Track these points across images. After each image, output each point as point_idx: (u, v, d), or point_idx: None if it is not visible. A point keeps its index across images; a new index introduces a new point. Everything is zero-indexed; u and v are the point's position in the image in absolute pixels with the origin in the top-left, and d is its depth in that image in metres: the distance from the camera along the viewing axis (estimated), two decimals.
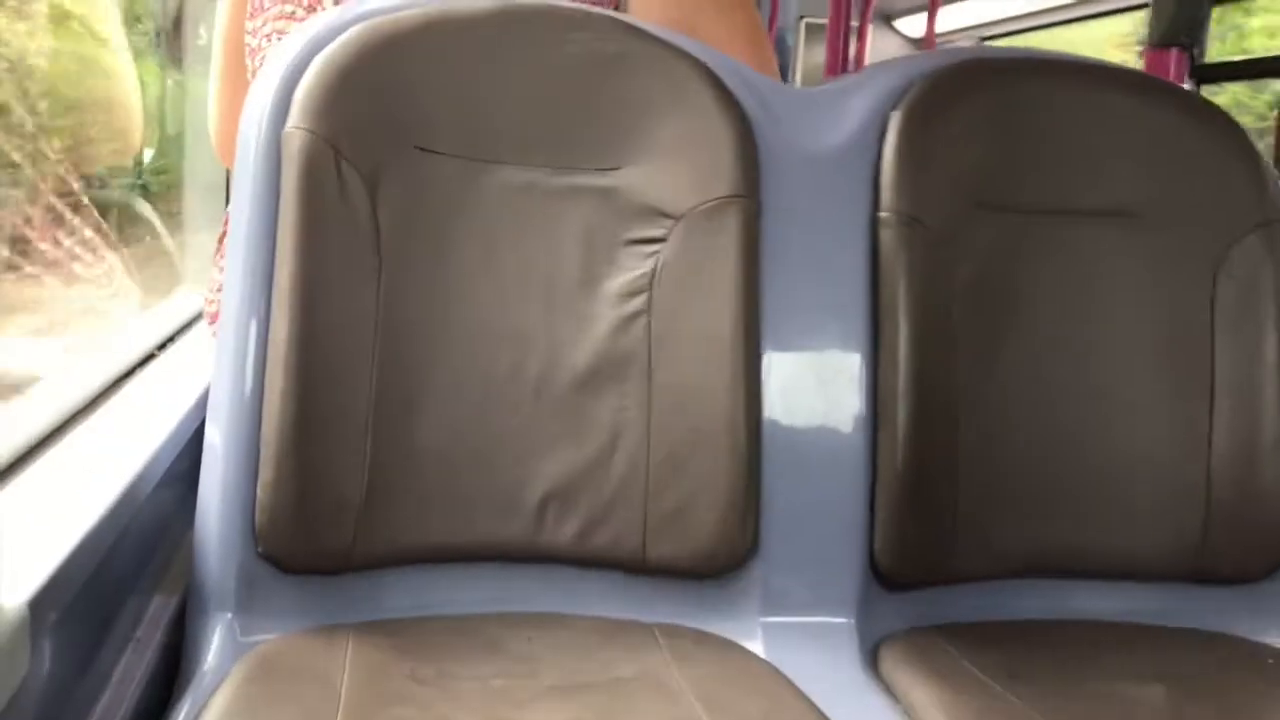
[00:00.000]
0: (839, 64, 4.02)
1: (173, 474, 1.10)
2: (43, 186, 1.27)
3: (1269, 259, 1.20)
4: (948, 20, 4.88)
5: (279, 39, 1.32)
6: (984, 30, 5.11)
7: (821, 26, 4.56)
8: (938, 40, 4.46)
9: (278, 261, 1.04)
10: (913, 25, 5.36)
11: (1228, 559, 1.19)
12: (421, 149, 1.09)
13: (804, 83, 5.20)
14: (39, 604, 0.72)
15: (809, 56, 5.31)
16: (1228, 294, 1.20)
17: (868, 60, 4.31)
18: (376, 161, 1.06)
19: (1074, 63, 1.29)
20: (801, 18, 5.35)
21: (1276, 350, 1.19)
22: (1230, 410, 1.19)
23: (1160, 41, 1.58)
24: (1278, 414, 1.19)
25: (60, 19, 1.34)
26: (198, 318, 1.72)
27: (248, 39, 1.41)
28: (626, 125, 1.13)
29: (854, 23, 4.26)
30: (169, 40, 2.03)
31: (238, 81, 1.44)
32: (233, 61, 1.48)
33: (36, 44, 1.23)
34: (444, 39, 1.11)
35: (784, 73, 5.19)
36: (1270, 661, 1.15)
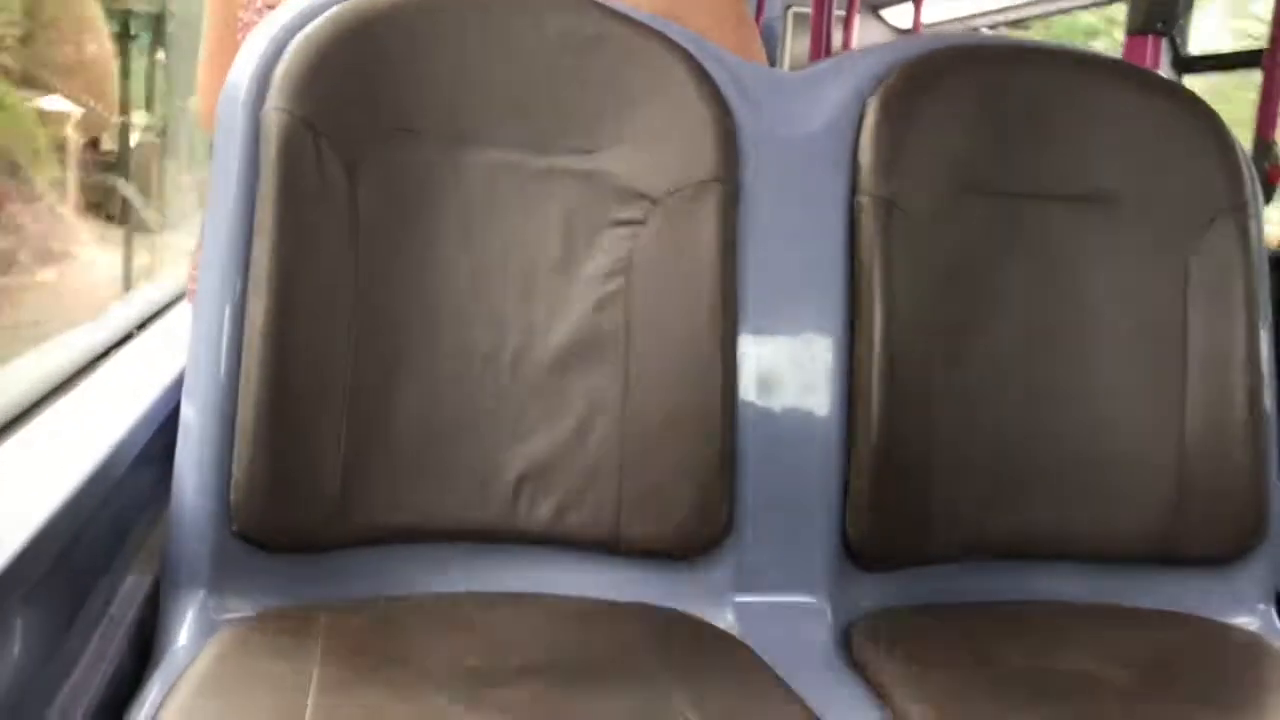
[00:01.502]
0: (823, 53, 4.02)
1: (149, 452, 1.10)
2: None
3: (1240, 242, 1.21)
4: (934, 11, 4.89)
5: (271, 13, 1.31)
6: (971, 22, 5.12)
7: (809, 16, 4.56)
8: (925, 29, 4.47)
9: (255, 241, 1.03)
10: (900, 16, 5.36)
11: (1198, 541, 1.20)
12: (401, 130, 1.09)
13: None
14: (7, 581, 0.72)
15: (796, 46, 5.31)
16: (1200, 277, 1.21)
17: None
18: (355, 142, 1.06)
19: (1053, 49, 1.30)
20: (789, 7, 5.35)
21: (1247, 333, 1.20)
22: (1202, 393, 1.20)
23: (1138, 28, 1.59)
24: (1248, 397, 1.20)
25: None
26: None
27: (240, 14, 1.41)
28: (606, 108, 1.13)
29: (841, 13, 4.26)
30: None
31: (226, 57, 1.44)
32: (222, 36, 1.48)
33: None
34: (424, 20, 1.10)
35: (771, 63, 5.18)
36: (1240, 642, 1.16)
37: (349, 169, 1.06)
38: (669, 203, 1.11)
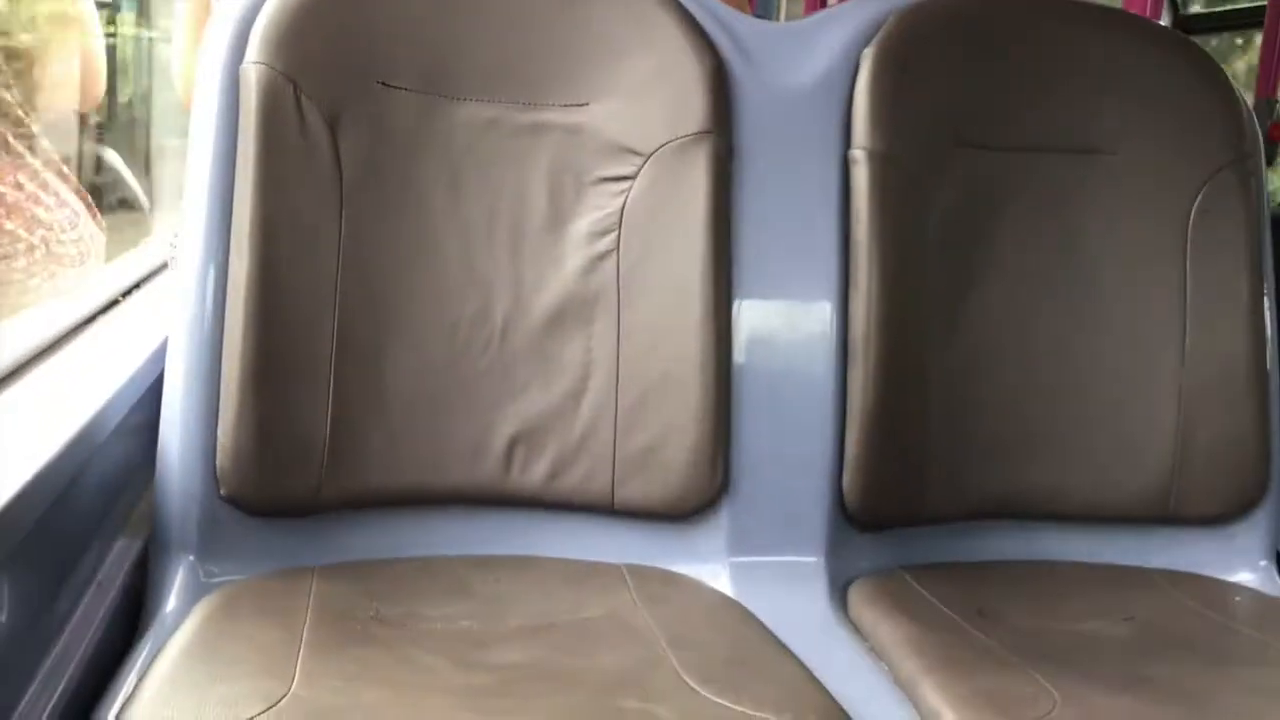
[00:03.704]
0: (818, 5, 3.97)
1: (135, 419, 1.08)
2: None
3: (1242, 195, 1.19)
4: None
5: None
6: None
7: None
8: None
9: (237, 200, 1.02)
10: None
11: (1199, 499, 1.19)
12: (383, 84, 1.07)
13: None
14: None
15: (792, 9, 5.25)
16: (1201, 231, 1.19)
17: None
18: (337, 97, 1.04)
19: (1049, 0, 1.28)
20: None
21: (1249, 288, 1.19)
22: (1201, 349, 1.18)
23: None
24: (1249, 354, 1.18)
25: None
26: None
27: None
28: (594, 61, 1.11)
29: None
30: None
31: (202, 26, 1.42)
32: (197, 9, 1.45)
33: None
34: None
35: (767, 16, 5.13)
36: (1238, 599, 1.15)
37: (331, 124, 1.03)
38: (660, 157, 1.09)
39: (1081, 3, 1.31)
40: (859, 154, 1.13)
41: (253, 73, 1.02)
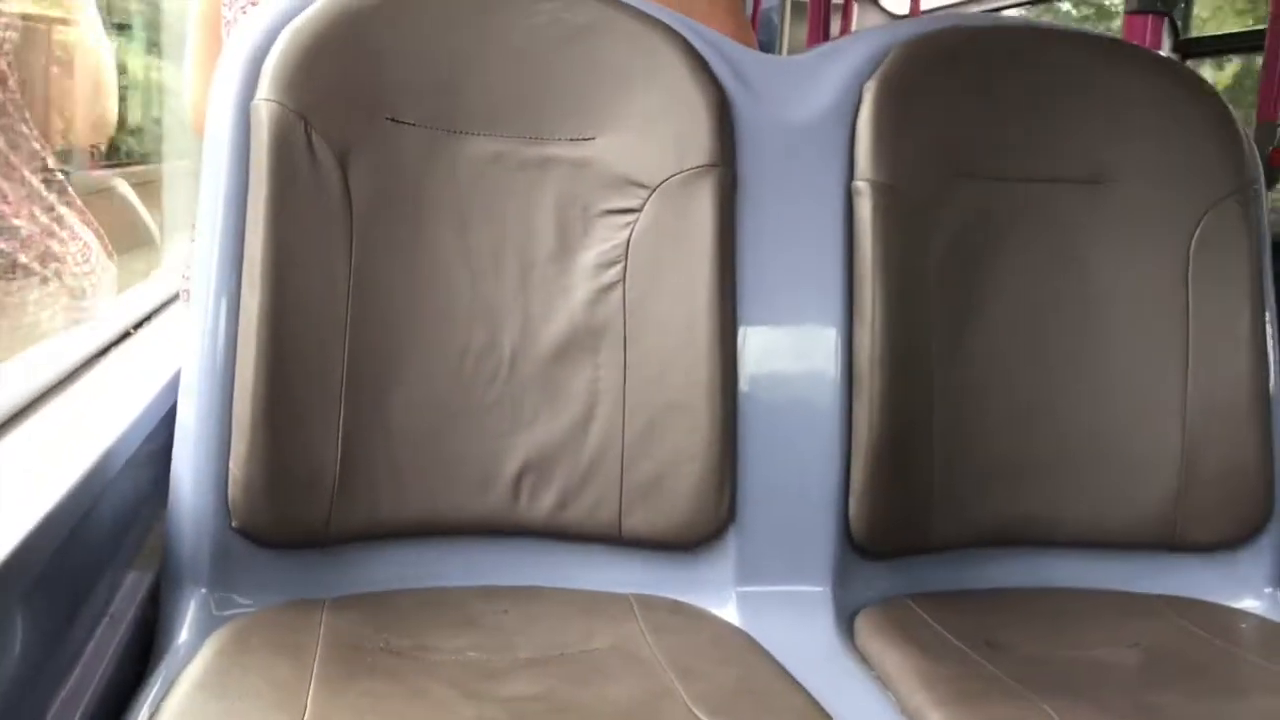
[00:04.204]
0: (821, 40, 4.01)
1: (147, 450, 1.09)
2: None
3: (1243, 224, 1.20)
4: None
5: (254, 10, 1.30)
6: (967, 8, 5.09)
7: (807, 4, 4.54)
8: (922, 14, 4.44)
9: (248, 235, 1.03)
10: (897, 2, 5.34)
11: (1203, 526, 1.19)
12: (393, 120, 1.08)
13: None
14: (6, 578, 0.72)
15: (795, 35, 5.29)
16: (1203, 260, 1.20)
17: None
18: (347, 133, 1.06)
19: (1051, 30, 1.29)
20: None
21: (1251, 316, 1.19)
22: (1204, 377, 1.19)
23: (1138, 6, 1.59)
24: (1252, 381, 1.19)
25: None
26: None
27: (224, 11, 1.40)
28: (600, 95, 1.12)
29: (838, 1, 4.24)
30: None
31: (213, 55, 1.43)
32: (208, 35, 1.47)
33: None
34: (414, 10, 1.10)
35: (770, 51, 5.16)
36: (1244, 626, 1.15)
37: (341, 160, 1.05)
38: (665, 189, 1.10)
39: (1083, 33, 1.33)
40: (862, 185, 1.14)
41: (264, 110, 1.03)
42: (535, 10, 1.12)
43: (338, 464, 1.03)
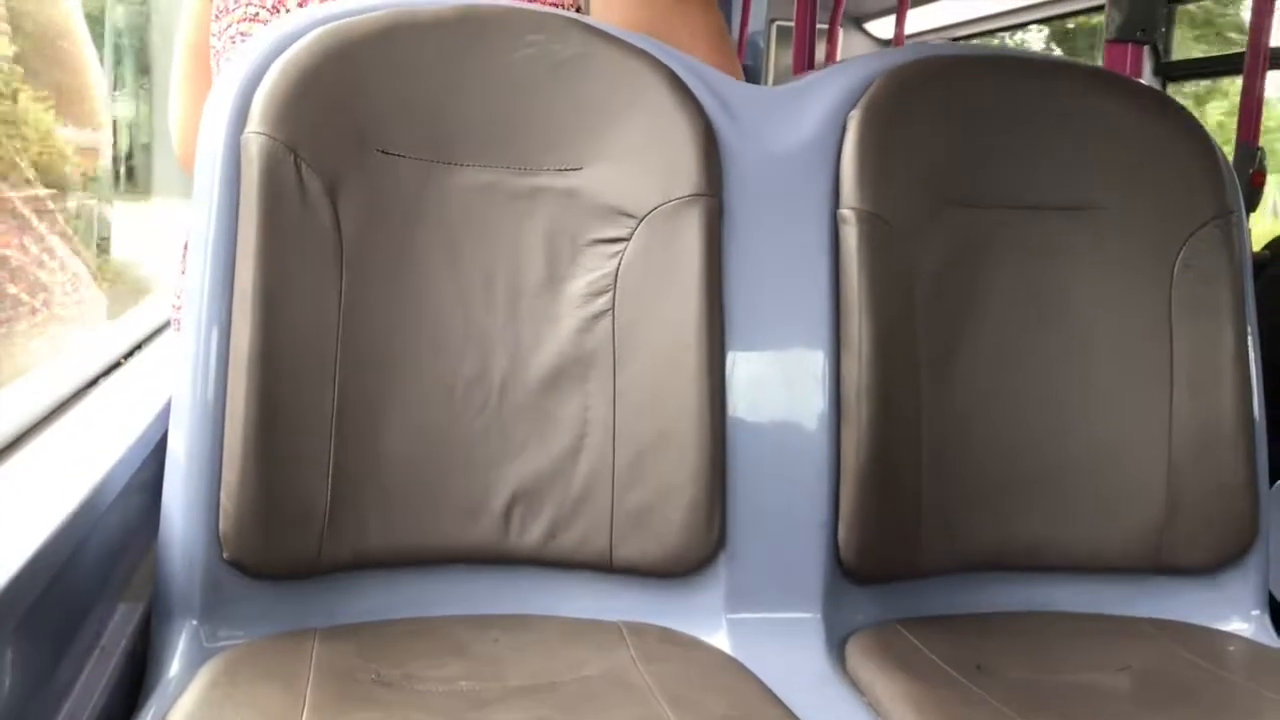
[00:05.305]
0: (806, 66, 4.03)
1: (137, 482, 1.09)
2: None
3: (1225, 250, 1.22)
4: (918, 22, 4.91)
5: (243, 41, 1.31)
6: (954, 31, 5.14)
7: (793, 30, 4.58)
8: (907, 41, 4.49)
9: (239, 267, 1.03)
10: (883, 27, 5.39)
11: (1190, 549, 1.20)
12: (382, 152, 1.09)
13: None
14: None
15: (781, 59, 5.33)
16: (1185, 285, 1.21)
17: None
18: (337, 165, 1.06)
19: (1034, 59, 1.31)
20: (773, 20, 5.37)
21: (1234, 341, 1.21)
22: (1190, 402, 1.20)
23: (1118, 35, 1.61)
24: (1236, 405, 1.20)
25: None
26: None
27: (212, 41, 1.40)
28: (587, 126, 1.13)
29: (824, 26, 4.27)
30: None
31: (200, 85, 1.43)
32: (196, 64, 1.47)
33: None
34: (404, 42, 1.11)
35: (756, 76, 5.20)
36: (1232, 649, 1.16)
37: (331, 192, 1.06)
38: (653, 219, 1.11)
39: (1064, 61, 1.35)
40: (848, 213, 1.16)
41: (254, 143, 1.04)
42: (524, 42, 1.13)
43: (329, 494, 1.03)
